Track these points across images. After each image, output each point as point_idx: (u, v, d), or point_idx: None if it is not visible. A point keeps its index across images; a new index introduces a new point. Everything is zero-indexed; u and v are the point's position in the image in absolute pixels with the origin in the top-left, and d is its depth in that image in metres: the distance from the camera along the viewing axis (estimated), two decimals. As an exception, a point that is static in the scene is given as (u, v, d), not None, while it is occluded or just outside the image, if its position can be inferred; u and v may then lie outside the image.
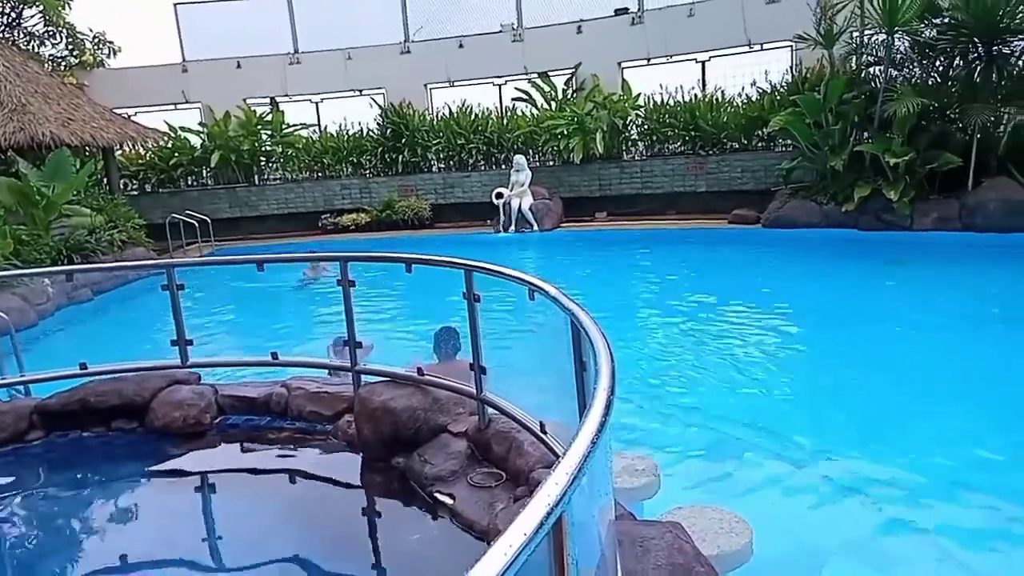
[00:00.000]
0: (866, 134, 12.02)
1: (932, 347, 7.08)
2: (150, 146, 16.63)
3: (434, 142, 16.56)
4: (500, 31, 17.25)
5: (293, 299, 9.43)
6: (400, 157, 16.86)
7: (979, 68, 11.56)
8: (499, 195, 15.10)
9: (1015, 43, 11.39)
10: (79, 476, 4.45)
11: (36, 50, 17.90)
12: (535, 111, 16.37)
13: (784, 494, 4.34)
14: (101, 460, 4.56)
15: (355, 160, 17.31)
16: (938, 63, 12.18)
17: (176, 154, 17.30)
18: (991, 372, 6.27)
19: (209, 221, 15.32)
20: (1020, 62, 11.54)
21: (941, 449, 4.90)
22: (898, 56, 12.20)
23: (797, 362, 6.98)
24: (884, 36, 11.75)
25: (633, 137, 15.81)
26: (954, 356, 6.78)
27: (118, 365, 5.07)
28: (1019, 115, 10.75)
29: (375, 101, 17.52)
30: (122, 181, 16.82)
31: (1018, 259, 10.05)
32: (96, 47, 18.74)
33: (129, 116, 16.33)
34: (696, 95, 15.35)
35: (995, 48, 11.29)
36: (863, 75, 12.61)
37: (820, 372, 6.63)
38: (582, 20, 16.50)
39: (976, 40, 11.26)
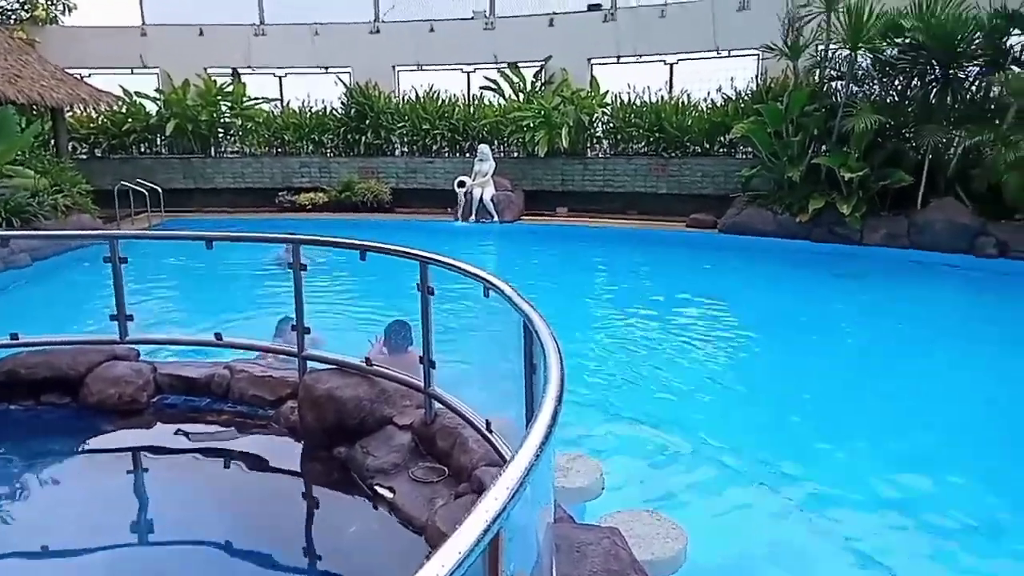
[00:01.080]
0: (824, 147, 12.28)
1: (872, 360, 7.29)
2: (103, 110, 16.01)
3: (399, 125, 16.35)
4: (472, 18, 17.11)
5: (244, 279, 9.22)
6: (363, 138, 16.59)
7: (935, 90, 11.90)
8: (461, 183, 15.00)
9: (970, 68, 11.76)
10: (4, 450, 4.26)
11: (-16, 1, 17.09)
12: (503, 101, 16.29)
13: (722, 500, 4.40)
14: (29, 434, 4.40)
15: (316, 138, 16.98)
16: (897, 82, 12.49)
17: (130, 120, 16.70)
18: (931, 385, 6.48)
19: (160, 191, 14.85)
20: (973, 87, 11.92)
21: (875, 460, 5.04)
22: (860, 72, 12.47)
23: (743, 369, 7.10)
24: (848, 52, 12.00)
25: (598, 134, 15.87)
26: (894, 368, 6.99)
27: (52, 337, 4.89)
28: (969, 138, 11.09)
29: (341, 79, 17.20)
30: (71, 144, 16.16)
31: (959, 279, 10.42)
32: (49, 2, 17.95)
33: (82, 77, 15.67)
34: (663, 97, 15.47)
35: (951, 71, 11.64)
36: (825, 89, 12.87)
37: (764, 380, 6.76)
38: (554, 13, 16.46)
39: (934, 62, 11.59)
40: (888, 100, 12.45)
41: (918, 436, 5.44)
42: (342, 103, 16.83)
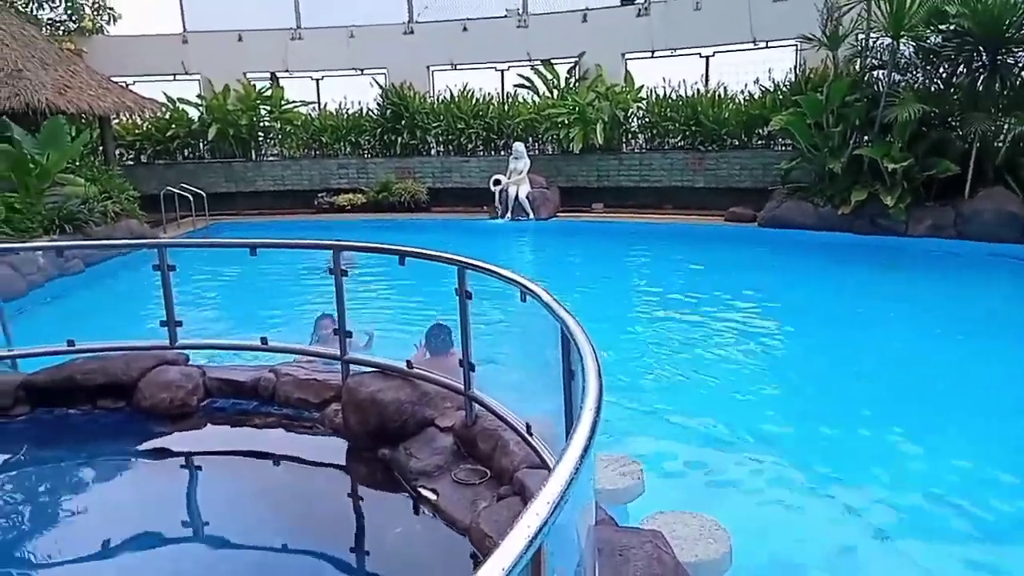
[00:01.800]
0: (866, 138, 12.01)
1: (919, 355, 7.12)
2: (147, 116, 16.45)
3: (434, 125, 16.47)
4: (505, 16, 17.12)
5: (288, 284, 9.40)
6: (399, 139, 16.76)
7: (982, 77, 11.54)
8: (497, 182, 15.05)
9: (1020, 53, 11.37)
10: (63, 453, 4.44)
11: (34, 14, 17.64)
12: (537, 99, 16.29)
13: (767, 500, 4.37)
14: (86, 438, 4.56)
15: (353, 140, 17.21)
16: (942, 70, 12.15)
17: (173, 126, 17.15)
18: (983, 380, 6.32)
19: (204, 195, 15.22)
20: (1023, 73, 11.52)
21: (928, 460, 4.94)
22: (902, 61, 12.17)
23: (786, 366, 7.01)
24: (889, 40, 11.71)
25: (633, 129, 15.77)
26: (942, 364, 6.82)
27: (106, 343, 5.04)
28: (1019, 126, 10.75)
29: (376, 81, 17.39)
30: (117, 151, 16.66)
31: (1009, 270, 10.10)
32: (96, 13, 18.47)
33: (127, 85, 16.14)
34: (699, 90, 15.29)
35: (999, 57, 11.27)
36: (866, 78, 12.57)
37: (808, 377, 6.66)
38: (588, 8, 16.38)
39: (981, 48, 11.24)
40: (932, 88, 12.12)
41: (970, 433, 5.31)
42: (378, 104, 17.02)
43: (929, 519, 4.19)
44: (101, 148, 15.75)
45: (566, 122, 14.90)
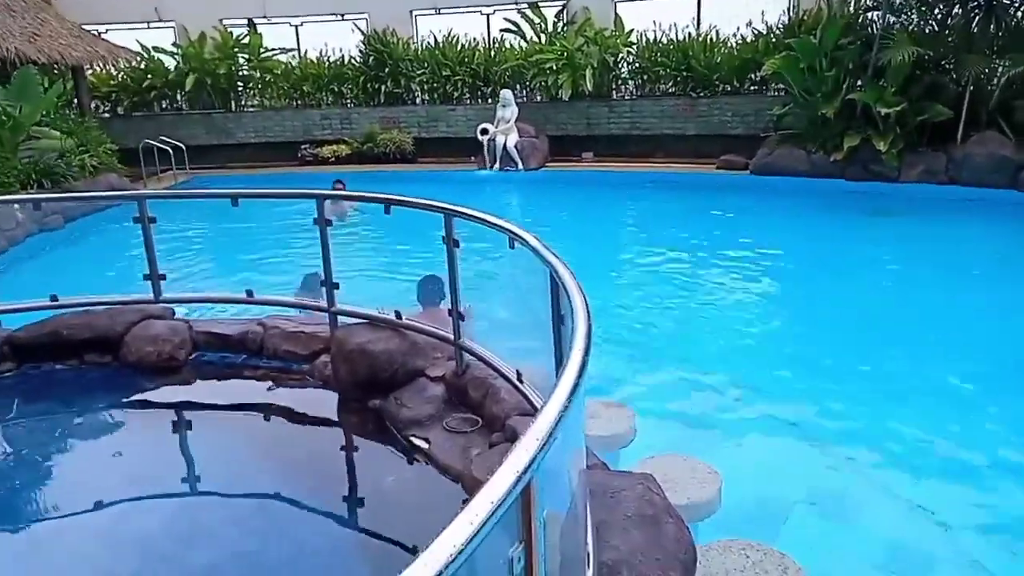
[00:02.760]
0: (859, 82, 11.84)
1: (913, 300, 7.15)
2: (122, 67, 15.98)
3: (418, 72, 16.09)
4: (491, -43, 16.58)
5: (273, 235, 9.28)
6: (383, 87, 16.38)
7: (978, 17, 11.35)
8: (484, 131, 14.79)
9: (1015, -8, 11.18)
10: (52, 409, 4.42)
11: (-1, -42, 16.93)
12: (524, 44, 15.90)
13: (757, 443, 4.41)
14: (74, 393, 4.53)
15: (336, 89, 16.81)
16: (937, 10, 11.94)
17: (149, 76, 16.66)
18: (972, 322, 6.37)
19: (184, 148, 14.90)
20: (1019, 13, 11.33)
21: (914, 403, 4.99)
22: (896, 2, 11.93)
23: (777, 312, 7.04)
24: (884, -21, 11.46)
25: (624, 75, 15.46)
26: (930, 307, 6.86)
27: (90, 298, 4.98)
28: (1013, 68, 10.61)
29: (357, 27, 16.90)
30: (93, 103, 16.21)
31: (1002, 214, 10.11)
32: (64, -43, 17.75)
33: (99, 34, 15.63)
34: (690, 34, 14.97)
35: (995, -3, 11.07)
36: (860, 20, 12.35)
37: (799, 323, 6.69)
38: (576, -51, 15.88)
39: (977, -12, 11.04)
40: (927, 30, 11.93)
41: (957, 376, 5.36)
42: (360, 51, 16.58)
43: (917, 460, 4.24)
44: (76, 100, 15.31)
45: (554, 68, 14.59)
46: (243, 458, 3.78)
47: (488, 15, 16.93)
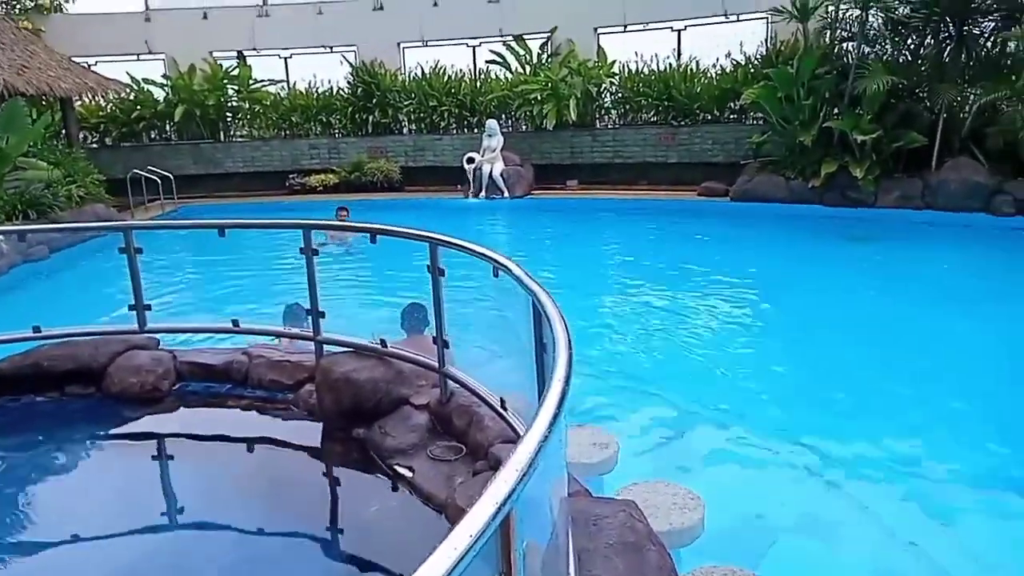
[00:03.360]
0: (836, 110, 12.10)
1: (885, 323, 7.25)
2: (111, 98, 16.06)
3: (405, 103, 16.27)
4: (476, -9, 16.87)
5: (259, 264, 9.29)
6: (371, 117, 16.55)
7: (949, 47, 11.66)
8: (470, 160, 14.95)
9: (985, 23, 11.51)
10: (32, 441, 4.37)
11: (-12, -8, 17.07)
12: (509, 75, 16.14)
13: (739, 469, 4.45)
14: (55, 425, 4.49)
15: (324, 119, 16.96)
16: (910, 41, 12.27)
17: (138, 107, 16.74)
18: (948, 346, 6.47)
19: (172, 178, 14.94)
20: (988, 43, 11.67)
21: (889, 423, 5.05)
22: (871, 32, 12.25)
23: (758, 337, 7.10)
24: (858, 12, 11.77)
25: (607, 105, 15.72)
26: (908, 331, 6.96)
27: (73, 329, 4.96)
28: (984, 96, 10.89)
29: (346, 59, 17.12)
30: (81, 134, 16.25)
31: (977, 239, 10.30)
32: (53, -9, 17.91)
33: (89, 66, 15.72)
34: (671, 64, 15.26)
35: (965, 28, 11.40)
36: (836, 50, 12.66)
37: (780, 348, 6.76)
38: (560, -17, 16.20)
39: (948, 19, 11.35)
40: (900, 60, 12.24)
41: (934, 397, 5.44)
42: (348, 82, 16.77)
43: (900, 485, 4.28)
44: (64, 131, 15.34)
45: (539, 98, 14.80)
46: (227, 489, 3.77)
47: (474, 47, 17.20)
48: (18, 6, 17.37)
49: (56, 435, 4.40)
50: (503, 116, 15.91)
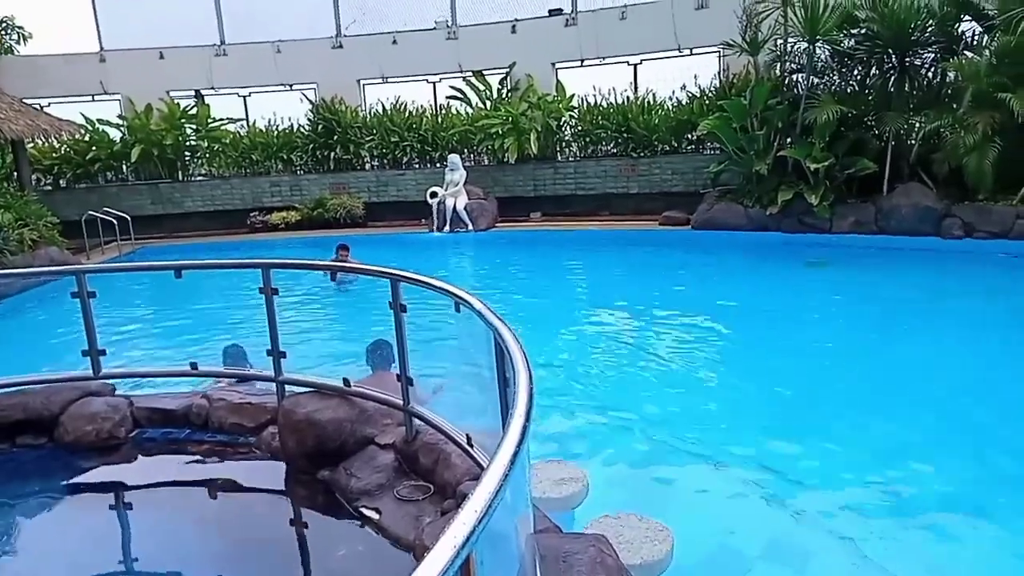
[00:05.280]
0: (789, 139, 12.45)
1: (845, 346, 7.40)
2: (65, 139, 15.79)
3: (367, 139, 16.32)
4: (435, 28, 17.12)
5: (219, 305, 9.14)
6: (332, 154, 16.55)
7: (893, 78, 12.13)
8: (433, 194, 15.00)
9: (925, 55, 12.01)
10: (-20, 496, 4.19)
11: (-63, 34, 16.77)
12: (470, 110, 16.33)
13: (707, 498, 4.45)
14: (5, 478, 4.32)
15: (285, 157, 16.90)
16: (856, 72, 12.73)
17: (94, 148, 16.50)
18: (905, 366, 6.60)
19: (129, 219, 14.69)
20: (929, 73, 12.18)
21: (854, 448, 5.11)
22: (819, 64, 12.69)
23: (722, 365, 7.17)
24: (806, 45, 12.20)
25: (567, 138, 15.97)
26: (867, 353, 7.10)
27: (24, 377, 4.81)
28: (928, 124, 11.33)
29: (306, 96, 17.14)
30: (34, 176, 15.91)
31: (927, 261, 10.62)
32: (4, 32, 17.65)
33: (42, 107, 15.48)
34: (628, 97, 15.60)
35: (907, 59, 11.88)
36: (787, 82, 13.06)
37: (743, 376, 6.83)
38: (516, 20, 16.53)
39: (890, 51, 11.83)
40: (848, 90, 12.68)
41: (898, 420, 5.52)
42: (309, 120, 16.78)
43: (871, 512, 4.31)
44: (16, 173, 15.01)
45: (500, 132, 14.98)
46: (188, 538, 3.65)
47: (434, 83, 17.38)
48: (-32, 49, 17.10)
49: (7, 489, 4.23)
50: (465, 150, 16.05)
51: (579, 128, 15.69)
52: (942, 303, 8.72)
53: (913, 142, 11.86)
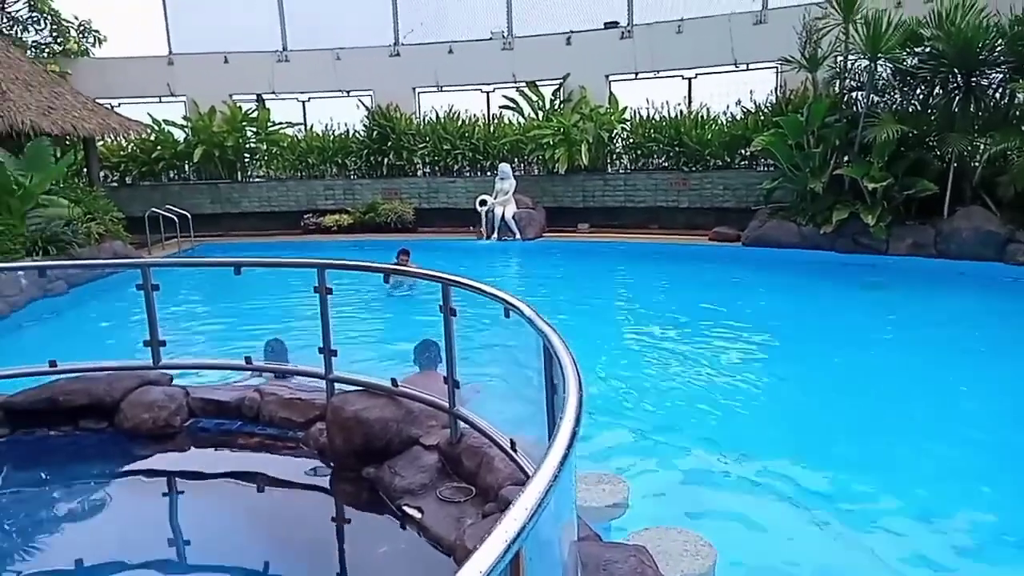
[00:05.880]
0: (846, 158, 12.20)
1: (899, 372, 7.18)
2: (132, 138, 16.44)
3: (420, 146, 16.57)
4: (490, 38, 17.32)
5: (274, 303, 9.38)
6: (385, 160, 16.86)
7: (958, 98, 11.78)
8: (483, 202, 15.13)
9: (993, 75, 11.64)
10: (44, 475, 4.40)
11: (19, 36, 17.65)
12: (522, 120, 16.45)
13: (752, 517, 4.38)
14: (67, 460, 4.52)
15: (340, 161, 17.28)
16: (918, 91, 12.40)
17: (159, 147, 17.13)
18: (962, 396, 6.39)
19: (189, 216, 15.19)
20: (997, 94, 11.80)
21: (907, 474, 4.98)
22: (880, 82, 12.41)
23: (769, 384, 7.05)
24: (867, 62, 11.95)
25: (618, 150, 15.95)
26: (924, 381, 6.89)
27: (88, 364, 5.02)
28: (994, 146, 10.96)
29: (362, 102, 17.50)
30: (102, 173, 16.62)
31: (987, 287, 10.25)
32: (81, 35, 18.50)
33: (112, 107, 16.15)
34: (682, 111, 15.51)
35: (973, 79, 11.53)
36: (845, 100, 12.81)
37: (792, 395, 6.70)
38: (572, 32, 16.60)
39: (956, 70, 11.50)
40: (910, 109, 12.36)
41: (951, 449, 5.36)
42: (364, 126, 17.12)
43: (917, 536, 4.20)
44: (86, 170, 15.70)
45: (551, 143, 15.04)
46: (235, 527, 3.76)
47: (488, 92, 17.56)
48: (47, 51, 17.95)
49: (67, 470, 4.43)
50: (515, 160, 16.16)
51: (631, 140, 15.65)
52: (1003, 330, 8.40)
53: (977, 164, 11.49)
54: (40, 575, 3.40)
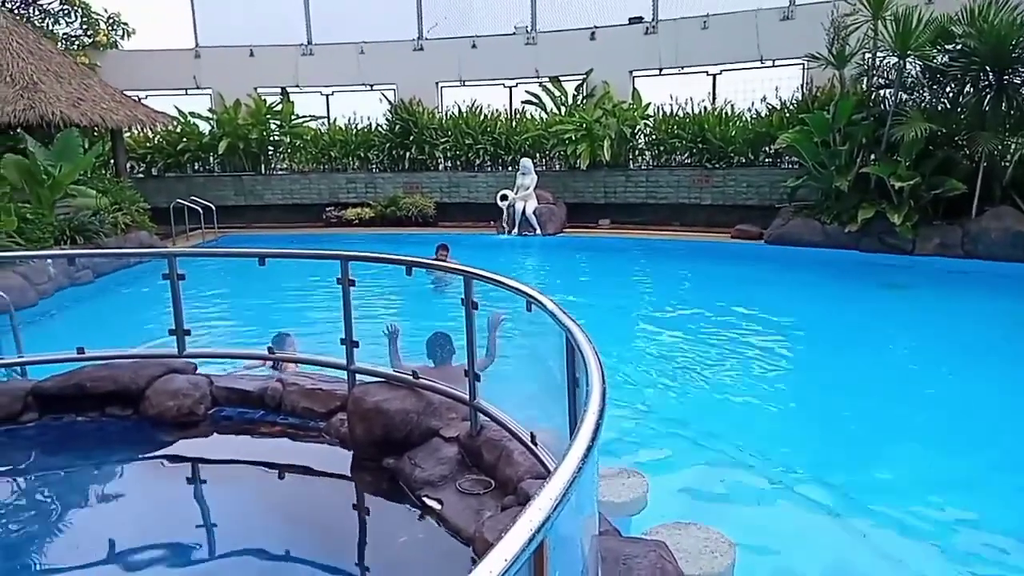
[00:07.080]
0: (873, 156, 12.03)
1: (923, 374, 7.09)
2: (159, 130, 16.66)
3: (442, 140, 16.60)
4: (514, 33, 17.29)
5: (297, 294, 9.47)
6: (407, 154, 16.91)
7: (989, 96, 11.56)
8: (504, 197, 15.14)
9: (1026, 73, 11.41)
10: (71, 460, 4.47)
11: (50, 28, 17.94)
12: (544, 115, 16.41)
13: (771, 514, 4.35)
14: (93, 445, 4.59)
15: (362, 155, 17.36)
16: (948, 89, 12.19)
17: (184, 139, 17.34)
18: (986, 400, 6.29)
19: (214, 208, 15.36)
20: (1030, 93, 11.56)
21: (925, 475, 4.92)
22: (909, 80, 12.22)
23: (791, 382, 6.99)
24: (896, 59, 11.77)
25: (640, 146, 15.86)
26: (946, 383, 6.79)
27: (115, 351, 5.09)
28: (1026, 145, 10.77)
29: (385, 96, 17.57)
30: (129, 164, 16.85)
31: (1016, 289, 10.06)
32: (110, 28, 18.77)
33: (139, 99, 16.36)
34: (706, 107, 15.38)
35: (1005, 77, 11.31)
36: (873, 97, 12.63)
37: (813, 393, 6.64)
38: (596, 27, 16.52)
39: (987, 68, 11.28)
40: (939, 108, 12.15)
41: (971, 451, 5.28)
42: (387, 119, 17.18)
43: (940, 540, 4.15)
44: (113, 160, 15.93)
45: (573, 138, 14.99)
46: (256, 515, 3.80)
47: (511, 87, 17.54)
48: (77, 43, 18.22)
49: (94, 455, 4.50)
50: (537, 155, 16.14)
51: (653, 137, 15.56)
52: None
53: (1007, 164, 11.28)
54: (67, 555, 3.47)
